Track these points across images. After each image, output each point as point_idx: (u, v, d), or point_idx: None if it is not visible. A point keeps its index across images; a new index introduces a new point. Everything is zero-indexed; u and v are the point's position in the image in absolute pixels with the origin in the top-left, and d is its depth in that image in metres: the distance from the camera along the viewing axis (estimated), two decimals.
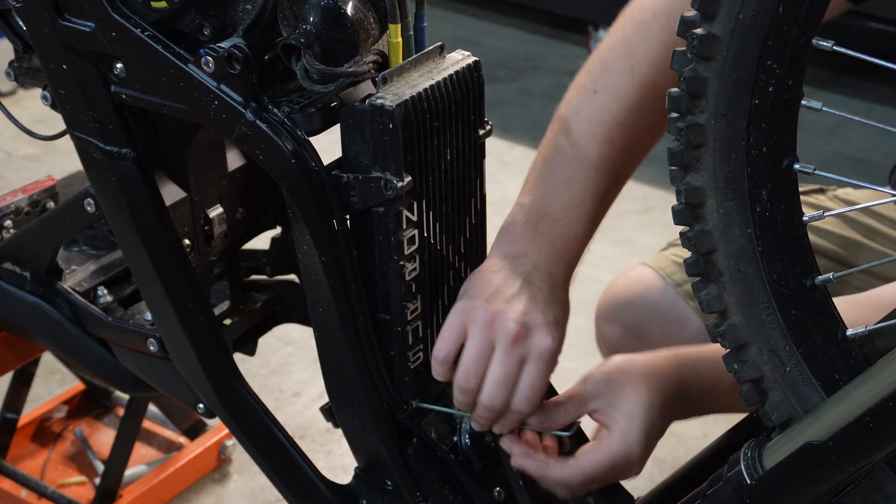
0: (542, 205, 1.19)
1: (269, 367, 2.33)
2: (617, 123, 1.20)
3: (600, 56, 1.23)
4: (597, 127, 1.20)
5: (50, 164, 3.05)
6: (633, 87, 1.20)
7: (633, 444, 1.14)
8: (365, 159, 1.12)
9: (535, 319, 1.13)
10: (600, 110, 1.20)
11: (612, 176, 1.21)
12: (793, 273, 0.95)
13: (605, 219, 1.24)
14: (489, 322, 1.12)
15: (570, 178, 1.19)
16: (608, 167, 1.20)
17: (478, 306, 1.13)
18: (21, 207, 1.56)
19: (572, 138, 1.20)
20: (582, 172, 1.19)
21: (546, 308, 1.15)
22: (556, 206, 1.18)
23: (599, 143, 1.20)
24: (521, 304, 1.13)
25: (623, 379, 1.16)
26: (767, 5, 0.86)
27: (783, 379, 0.98)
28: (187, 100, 1.14)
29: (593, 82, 1.21)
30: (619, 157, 1.21)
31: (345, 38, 1.10)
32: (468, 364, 1.14)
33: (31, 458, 1.95)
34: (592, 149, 1.20)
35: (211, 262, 1.41)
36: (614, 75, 1.20)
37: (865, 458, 0.94)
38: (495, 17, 4.23)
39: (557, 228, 1.18)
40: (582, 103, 1.21)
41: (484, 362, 1.13)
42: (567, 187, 1.19)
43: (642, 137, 1.23)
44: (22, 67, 1.36)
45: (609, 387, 1.16)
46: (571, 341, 2.66)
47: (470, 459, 1.27)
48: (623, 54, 1.21)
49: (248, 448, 1.34)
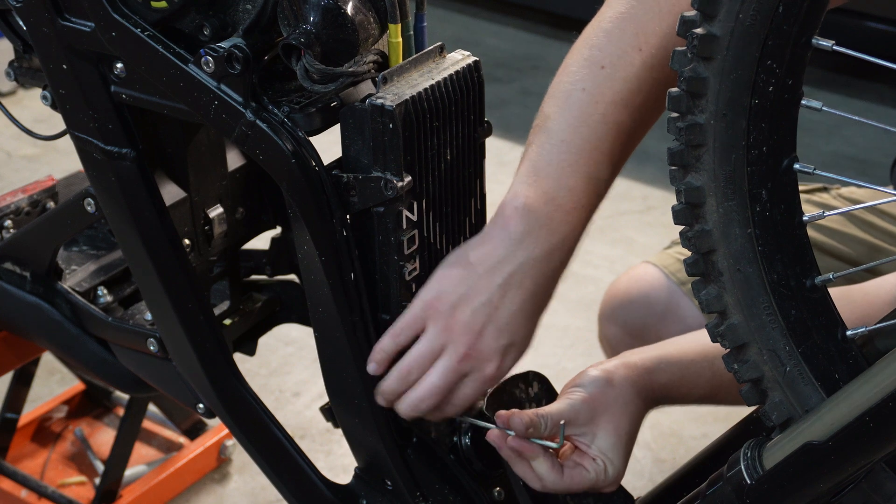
0: (544, 186, 1.12)
1: (269, 367, 2.33)
2: (625, 105, 1.12)
3: (604, 28, 1.13)
4: (607, 107, 1.12)
5: (50, 164, 3.05)
6: (643, 67, 1.11)
7: (612, 476, 1.18)
8: (365, 159, 1.12)
9: (488, 345, 1.14)
10: (610, 89, 1.12)
11: (615, 159, 1.16)
12: (793, 273, 0.95)
13: (605, 219, 1.24)
14: (447, 329, 1.14)
15: (576, 161, 1.12)
16: (614, 150, 1.14)
17: (444, 311, 1.14)
18: (21, 207, 1.56)
19: (578, 116, 1.12)
20: (587, 156, 1.12)
21: (503, 332, 1.14)
22: (562, 191, 1.12)
23: (607, 124, 1.12)
24: (480, 323, 1.13)
25: (603, 409, 1.18)
26: (767, 5, 0.86)
27: (783, 379, 0.98)
28: (187, 100, 1.14)
29: (600, 55, 1.12)
30: (624, 141, 1.15)
31: (345, 38, 1.10)
32: (416, 358, 1.15)
33: (31, 458, 1.95)
34: (599, 130, 1.12)
35: (211, 262, 1.41)
36: (623, 52, 1.11)
37: (865, 458, 0.94)
38: (495, 17, 4.23)
39: (560, 215, 1.12)
40: (588, 78, 1.12)
41: (430, 362, 1.15)
42: (573, 170, 1.12)
43: (645, 121, 1.16)
44: (22, 67, 1.36)
45: (589, 416, 1.17)
46: (571, 341, 2.67)
47: (470, 459, 1.27)
48: (631, 30, 1.11)
49: (248, 448, 1.34)
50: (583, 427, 1.17)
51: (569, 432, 1.17)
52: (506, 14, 4.23)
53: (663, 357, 1.23)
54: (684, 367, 1.22)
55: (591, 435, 1.18)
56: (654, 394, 1.22)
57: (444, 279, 1.15)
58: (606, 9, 1.15)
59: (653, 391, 1.21)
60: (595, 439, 1.17)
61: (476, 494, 1.26)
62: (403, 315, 1.17)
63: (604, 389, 1.18)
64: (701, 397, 1.26)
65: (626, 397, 1.19)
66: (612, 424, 1.17)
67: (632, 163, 2.75)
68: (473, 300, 1.13)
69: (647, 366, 1.22)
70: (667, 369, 1.22)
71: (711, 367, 1.22)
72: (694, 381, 1.23)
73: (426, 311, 1.15)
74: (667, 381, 1.22)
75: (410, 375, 1.16)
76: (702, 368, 1.22)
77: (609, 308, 1.62)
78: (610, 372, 1.20)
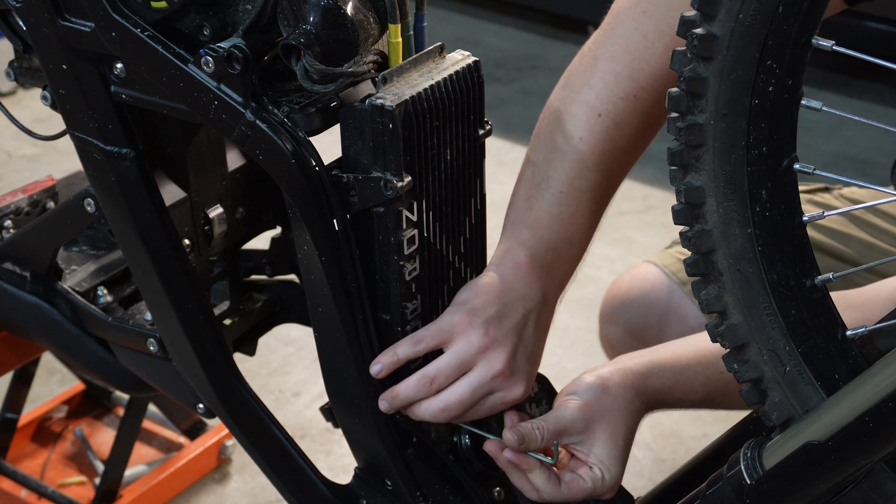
0: (545, 237, 1.17)
1: (269, 367, 2.33)
2: (618, 153, 1.17)
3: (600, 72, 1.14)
4: (601, 157, 1.15)
5: (50, 164, 3.05)
6: (634, 114, 1.15)
7: (609, 483, 1.18)
8: (365, 159, 1.12)
9: (520, 367, 1.16)
10: (606, 138, 1.15)
11: (605, 206, 1.21)
12: (793, 273, 0.95)
13: (605, 219, 1.24)
14: (482, 348, 1.14)
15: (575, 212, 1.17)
16: (606, 198, 1.20)
17: (477, 325, 1.14)
18: (21, 207, 1.56)
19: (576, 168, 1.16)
20: (585, 207, 1.17)
21: (530, 358, 1.17)
22: (559, 241, 1.17)
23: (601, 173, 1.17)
24: (512, 345, 1.15)
25: (600, 417, 1.18)
26: (767, 5, 0.86)
27: (783, 379, 0.98)
28: (187, 100, 1.14)
29: (597, 103, 1.14)
30: (614, 186, 1.21)
31: (345, 38, 1.10)
32: (443, 368, 1.15)
33: (31, 458, 1.95)
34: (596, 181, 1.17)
35: (211, 262, 1.41)
36: (618, 100, 1.14)
37: (865, 458, 0.94)
38: (495, 17, 4.23)
39: (559, 262, 1.19)
40: (585, 127, 1.15)
41: (456, 375, 1.15)
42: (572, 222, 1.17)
43: (628, 168, 1.21)
44: (22, 67, 1.36)
45: (585, 424, 1.17)
46: (571, 341, 2.66)
47: (470, 459, 1.27)
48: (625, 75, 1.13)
49: (248, 448, 1.34)
50: (579, 435, 1.18)
51: (565, 441, 1.18)
52: (506, 14, 4.23)
53: (657, 362, 1.23)
54: (678, 371, 1.22)
55: (588, 443, 1.18)
56: (650, 399, 1.22)
57: (473, 297, 1.16)
58: (597, 48, 1.15)
59: (648, 396, 1.22)
60: (592, 447, 1.18)
61: (476, 494, 1.26)
62: (429, 326, 1.16)
63: (599, 396, 1.18)
64: (696, 402, 1.26)
65: (622, 403, 1.19)
66: (609, 432, 1.18)
67: None
68: (505, 324, 1.15)
69: (641, 371, 1.22)
70: (661, 374, 1.22)
71: (706, 372, 1.22)
72: (688, 387, 1.23)
73: (456, 327, 1.15)
74: (661, 385, 1.22)
75: (434, 384, 1.15)
76: (696, 373, 1.23)
77: (610, 308, 1.62)
78: (605, 378, 1.20)
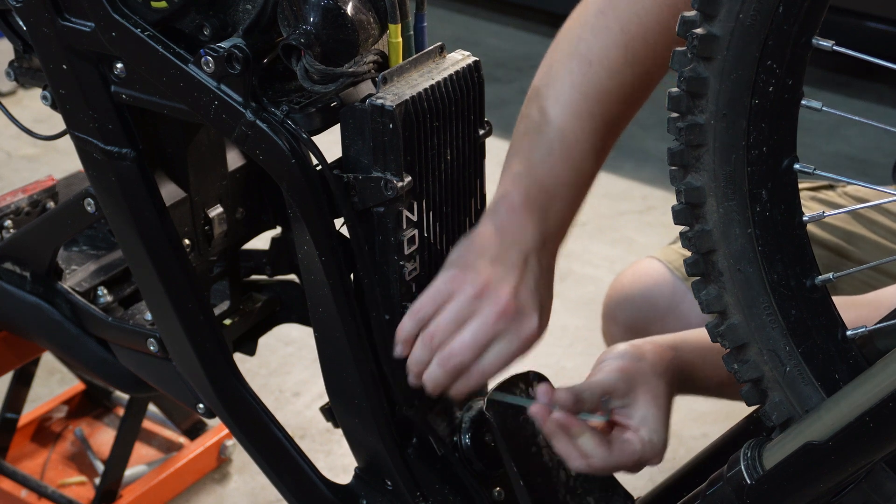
0: (539, 178, 1.14)
1: (269, 367, 2.33)
2: (612, 101, 1.15)
3: (589, 23, 1.16)
4: (594, 104, 1.14)
5: (50, 164, 3.05)
6: (626, 63, 1.14)
7: (658, 447, 1.15)
8: (365, 159, 1.12)
9: (526, 302, 1.11)
10: (598, 85, 1.14)
11: (602, 153, 1.18)
12: (793, 273, 0.95)
13: (605, 219, 1.24)
14: (478, 293, 1.10)
15: (568, 156, 1.14)
16: (604, 144, 1.17)
17: (470, 279, 1.10)
18: (21, 207, 1.56)
19: (569, 112, 1.14)
20: (577, 150, 1.15)
21: (535, 293, 1.12)
22: (554, 183, 1.14)
23: (594, 119, 1.15)
24: (513, 282, 1.10)
25: (640, 379, 1.15)
26: (767, 5, 0.86)
27: (783, 379, 0.98)
28: (187, 100, 1.14)
29: (587, 51, 1.14)
30: (611, 133, 1.18)
31: (345, 38, 1.10)
32: (440, 322, 1.11)
33: (31, 458, 1.95)
34: (588, 126, 1.15)
35: (211, 262, 1.41)
36: (608, 48, 1.14)
37: (865, 458, 0.94)
38: (495, 17, 4.23)
39: (555, 204, 1.14)
40: (577, 73, 1.15)
41: (456, 326, 1.10)
42: (564, 165, 1.14)
43: (629, 114, 1.19)
44: (22, 67, 1.36)
45: (628, 386, 1.14)
46: (571, 341, 2.66)
47: (470, 459, 1.27)
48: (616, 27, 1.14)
49: (248, 448, 1.34)
50: (622, 399, 1.14)
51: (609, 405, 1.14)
52: (506, 14, 4.23)
53: (685, 338, 1.23)
54: (707, 349, 1.21)
55: (631, 407, 1.14)
56: (681, 372, 1.20)
57: (463, 254, 1.12)
58: (588, 5, 1.17)
59: (680, 369, 1.20)
60: (635, 411, 1.14)
61: (476, 494, 1.26)
62: (424, 292, 1.13)
63: (636, 361, 1.16)
64: (722, 383, 1.24)
65: (658, 369, 1.17)
66: (651, 394, 1.14)
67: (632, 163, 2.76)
68: (500, 268, 1.10)
69: (671, 343, 1.21)
70: (690, 349, 1.21)
71: None
72: (715, 363, 1.21)
73: (452, 284, 1.11)
74: (691, 359, 1.21)
75: (434, 341, 1.11)
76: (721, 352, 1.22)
77: (613, 303, 1.62)
78: (638, 346, 1.18)
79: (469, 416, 1.28)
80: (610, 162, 1.23)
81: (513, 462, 1.20)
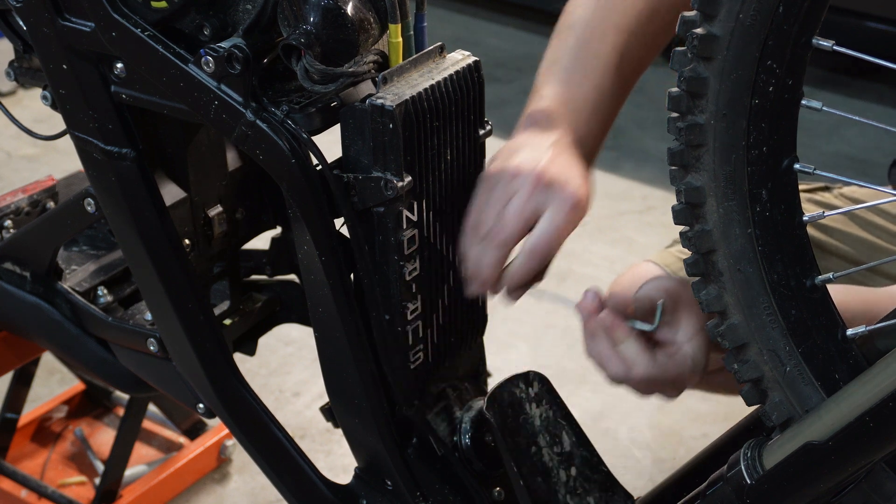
0: (568, 95, 1.19)
1: (269, 367, 2.33)
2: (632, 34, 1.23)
3: None
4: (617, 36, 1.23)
5: (50, 164, 3.05)
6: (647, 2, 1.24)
7: (698, 367, 1.10)
8: (365, 159, 1.12)
9: (562, 169, 1.10)
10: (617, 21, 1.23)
11: (626, 86, 1.25)
12: (793, 273, 0.95)
13: (605, 219, 1.25)
14: (510, 176, 1.11)
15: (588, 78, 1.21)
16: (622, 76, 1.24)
17: (503, 168, 1.11)
18: (21, 207, 1.56)
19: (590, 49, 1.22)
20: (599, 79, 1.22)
21: (576, 161, 1.13)
22: (581, 99, 1.20)
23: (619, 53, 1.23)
24: (550, 153, 1.11)
25: (686, 300, 1.10)
26: (767, 5, 0.86)
27: (783, 379, 0.98)
28: (187, 100, 1.14)
29: None
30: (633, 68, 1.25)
31: (345, 38, 1.10)
32: (480, 205, 1.12)
33: (31, 458, 1.95)
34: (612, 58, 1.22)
35: (211, 262, 1.41)
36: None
37: (865, 458, 0.94)
38: (495, 17, 4.23)
39: (583, 115, 1.19)
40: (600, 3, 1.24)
41: (500, 205, 1.10)
42: (591, 85, 1.21)
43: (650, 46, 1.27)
44: (22, 67, 1.36)
45: (673, 304, 1.10)
46: (571, 341, 2.67)
47: (470, 459, 1.27)
48: None
49: (248, 448, 1.34)
50: (667, 315, 1.10)
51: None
52: (506, 14, 4.23)
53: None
54: None
55: (674, 326, 1.10)
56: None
57: (497, 157, 1.15)
58: None
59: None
60: (680, 329, 1.09)
61: (476, 494, 1.26)
62: (470, 207, 1.14)
63: (676, 284, 1.12)
64: None
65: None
66: (697, 316, 1.09)
67: (632, 163, 2.77)
68: (535, 147, 1.13)
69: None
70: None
71: None
72: None
73: (489, 184, 1.12)
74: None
75: (481, 229, 1.11)
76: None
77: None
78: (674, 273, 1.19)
79: (469, 416, 1.28)
80: (610, 162, 1.24)
81: (513, 462, 1.20)
